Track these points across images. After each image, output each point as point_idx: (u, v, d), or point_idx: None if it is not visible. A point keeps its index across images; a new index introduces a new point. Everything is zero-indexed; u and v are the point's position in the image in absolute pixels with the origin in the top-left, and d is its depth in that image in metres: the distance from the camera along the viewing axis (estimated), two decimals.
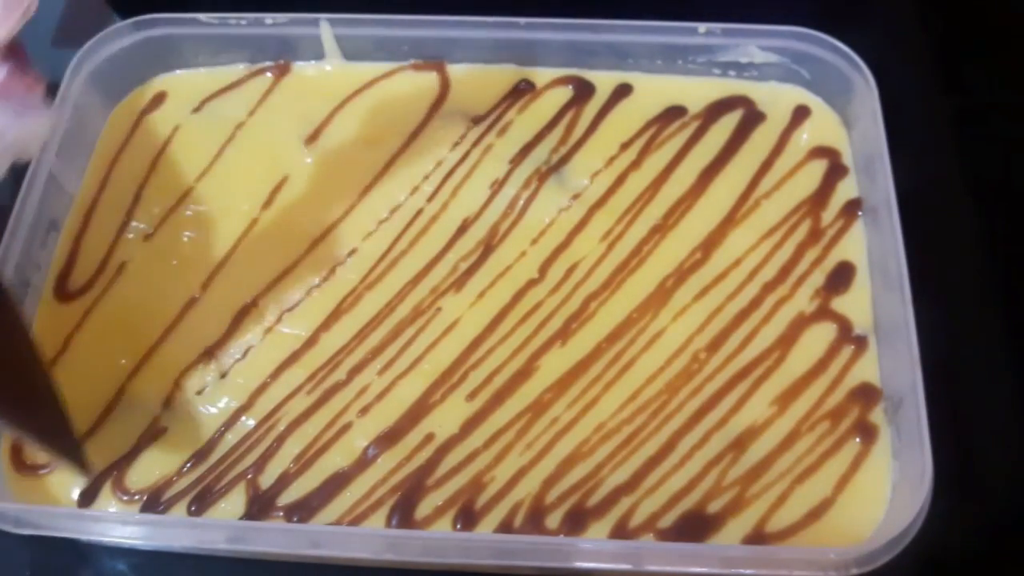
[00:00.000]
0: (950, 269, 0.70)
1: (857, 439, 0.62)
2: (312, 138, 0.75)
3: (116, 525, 0.60)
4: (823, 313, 0.66)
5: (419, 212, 0.71)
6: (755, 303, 0.66)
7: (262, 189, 0.73)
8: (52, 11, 0.88)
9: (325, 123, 0.75)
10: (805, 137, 0.73)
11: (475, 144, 0.74)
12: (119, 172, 0.74)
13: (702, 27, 0.73)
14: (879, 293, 0.66)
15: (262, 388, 0.65)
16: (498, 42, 0.76)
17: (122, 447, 0.64)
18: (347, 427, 0.64)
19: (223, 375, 0.66)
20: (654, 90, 0.75)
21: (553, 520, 0.61)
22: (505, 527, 0.60)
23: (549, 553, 0.57)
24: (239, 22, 0.76)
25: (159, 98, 0.78)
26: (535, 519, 0.61)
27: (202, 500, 0.62)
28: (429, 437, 0.63)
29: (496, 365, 0.65)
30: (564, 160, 0.73)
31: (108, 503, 0.63)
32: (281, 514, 0.62)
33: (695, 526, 0.60)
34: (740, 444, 0.62)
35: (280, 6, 0.76)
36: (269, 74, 0.78)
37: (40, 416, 0.55)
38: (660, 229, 0.70)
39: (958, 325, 0.68)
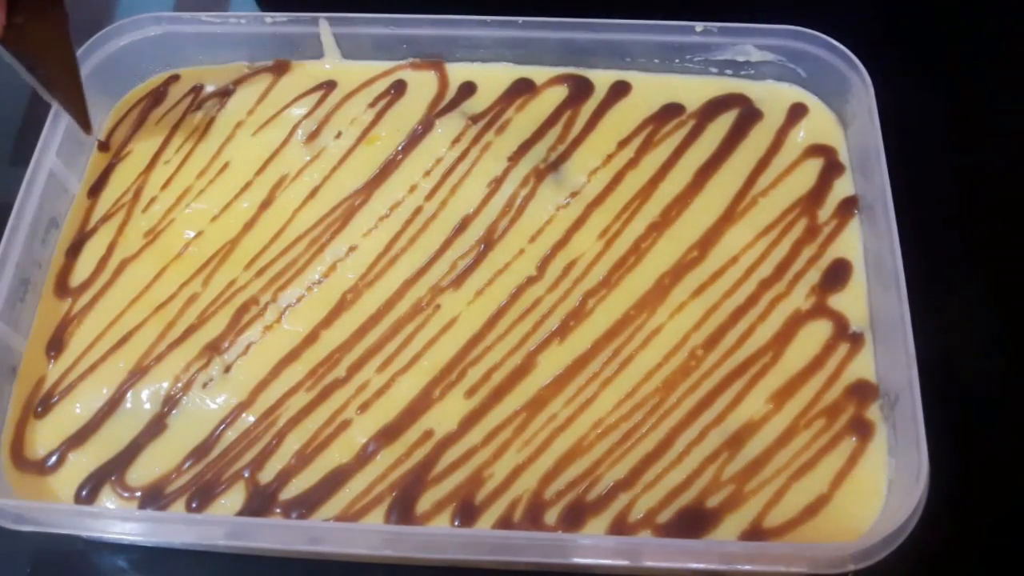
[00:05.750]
0: (946, 266, 0.70)
1: (853, 436, 0.62)
2: (311, 136, 0.75)
3: (116, 521, 0.60)
4: (819, 310, 0.66)
5: (418, 210, 0.72)
6: (752, 300, 0.67)
7: (262, 187, 0.73)
8: None
9: (324, 121, 0.76)
10: (802, 135, 0.73)
11: (474, 142, 0.74)
12: (119, 170, 0.75)
13: (699, 26, 0.73)
14: (875, 290, 0.66)
15: (262, 385, 0.66)
16: (496, 41, 0.76)
17: (122, 443, 0.64)
18: (346, 424, 0.64)
19: (223, 372, 0.66)
20: (652, 88, 0.76)
21: (551, 516, 0.61)
22: (504, 523, 0.61)
23: (547, 549, 0.57)
24: (239, 21, 0.76)
25: (159, 96, 0.78)
26: (534, 515, 0.61)
27: (202, 496, 0.62)
28: (428, 434, 0.64)
29: (495, 362, 0.66)
30: (562, 158, 0.73)
31: (109, 499, 0.63)
32: (280, 510, 0.62)
33: (693, 522, 0.60)
34: (737, 440, 0.62)
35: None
36: (269, 73, 0.78)
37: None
38: (658, 227, 0.70)
39: (954, 322, 0.68)
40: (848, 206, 0.70)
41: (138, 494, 0.63)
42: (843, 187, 0.71)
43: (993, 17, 0.82)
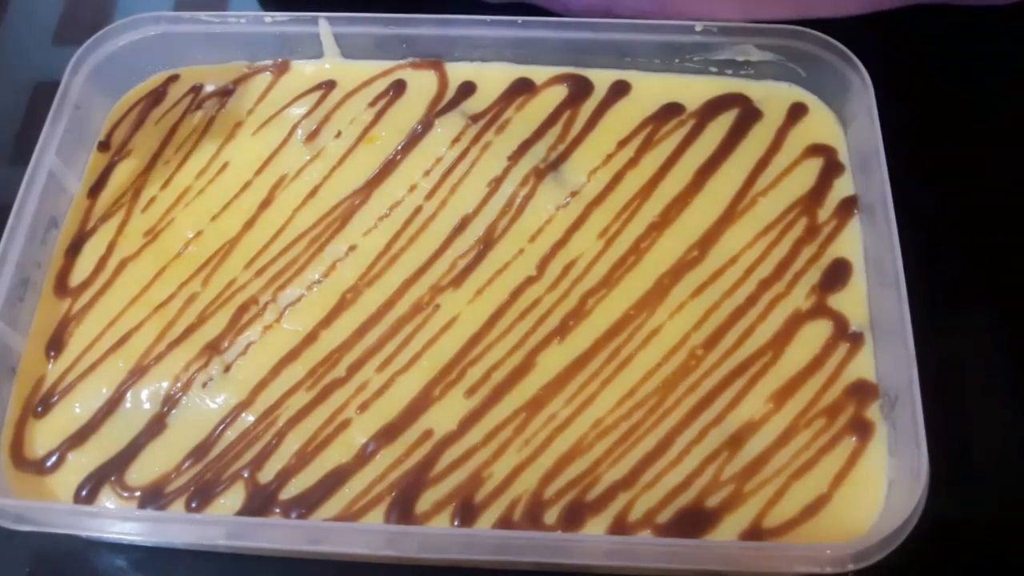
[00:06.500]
0: (946, 266, 0.70)
1: (853, 436, 0.62)
2: (311, 136, 0.75)
3: (116, 521, 0.60)
4: (819, 310, 0.66)
5: (418, 209, 0.72)
6: (751, 300, 0.67)
7: (262, 187, 0.73)
8: (52, 10, 0.88)
9: (324, 121, 0.76)
10: (802, 135, 0.73)
11: (473, 142, 0.74)
12: (119, 170, 0.75)
13: (699, 26, 0.73)
14: (875, 290, 0.66)
15: (262, 384, 0.66)
16: (496, 40, 0.76)
17: (122, 443, 0.64)
18: (346, 423, 0.64)
19: (223, 372, 0.66)
20: (651, 88, 0.76)
21: (551, 516, 0.61)
22: (504, 523, 0.60)
23: (548, 549, 0.57)
24: (238, 20, 0.76)
25: (159, 96, 0.78)
26: (533, 515, 0.61)
27: (202, 496, 0.62)
28: (428, 433, 0.64)
29: (494, 362, 0.65)
30: (562, 158, 0.73)
31: (108, 499, 0.63)
32: (280, 510, 0.62)
33: (692, 522, 0.60)
34: (737, 440, 0.62)
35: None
36: (268, 72, 0.78)
37: None
38: (657, 226, 0.70)
39: (954, 322, 0.68)
40: (848, 206, 0.70)
41: (138, 494, 0.63)
42: (843, 187, 0.71)
43: (994, 17, 0.81)
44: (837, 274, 0.67)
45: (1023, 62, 0.81)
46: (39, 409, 0.66)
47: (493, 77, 0.77)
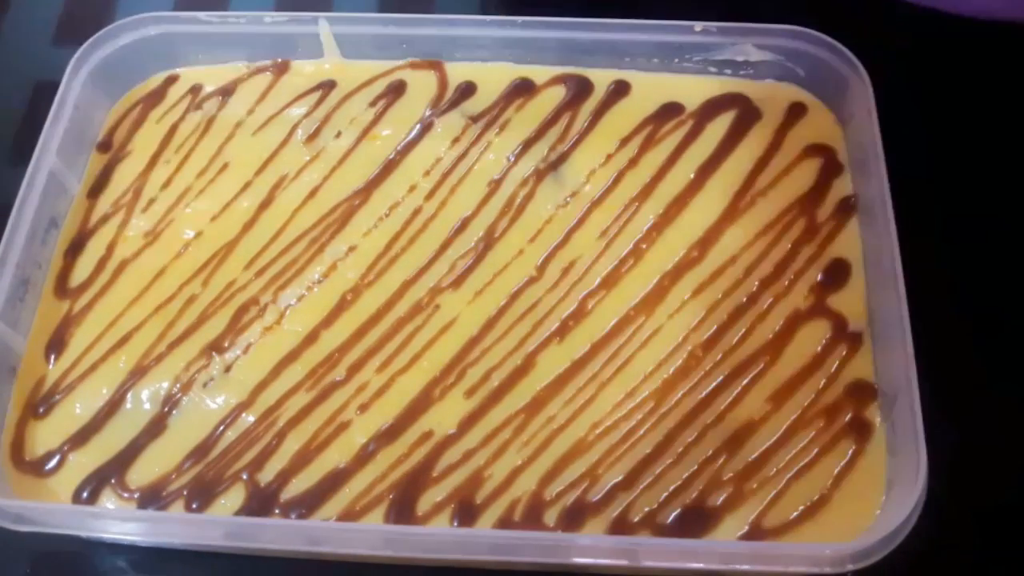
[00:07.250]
0: (945, 266, 0.70)
1: (852, 436, 0.62)
2: (311, 136, 0.75)
3: (116, 521, 0.61)
4: (818, 310, 0.66)
5: (418, 210, 0.72)
6: (751, 300, 0.67)
7: (261, 187, 0.73)
8: (52, 10, 0.88)
9: (324, 121, 0.76)
10: (801, 135, 0.73)
11: (473, 142, 0.74)
12: (119, 170, 0.75)
13: (698, 26, 0.73)
14: (874, 290, 0.66)
15: (262, 385, 0.66)
16: (496, 41, 0.76)
17: (122, 444, 0.64)
18: (346, 424, 0.64)
19: (223, 372, 0.66)
20: (651, 88, 0.76)
21: (551, 516, 0.61)
22: (503, 523, 0.61)
23: (547, 549, 0.57)
24: (238, 20, 0.76)
25: (159, 96, 0.78)
26: (533, 516, 0.61)
27: (202, 496, 0.62)
28: (427, 434, 0.64)
29: (494, 362, 0.66)
30: (562, 158, 0.73)
31: (108, 500, 0.63)
32: (280, 510, 0.62)
33: (692, 522, 0.60)
34: (736, 440, 0.62)
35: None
36: (268, 72, 0.78)
37: None
38: (657, 226, 0.70)
39: (953, 322, 0.68)
40: (847, 206, 0.70)
41: (138, 494, 0.63)
42: (842, 187, 0.71)
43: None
44: (836, 274, 0.67)
45: (1022, 61, 0.81)
46: (40, 410, 0.66)
47: (493, 77, 0.77)
